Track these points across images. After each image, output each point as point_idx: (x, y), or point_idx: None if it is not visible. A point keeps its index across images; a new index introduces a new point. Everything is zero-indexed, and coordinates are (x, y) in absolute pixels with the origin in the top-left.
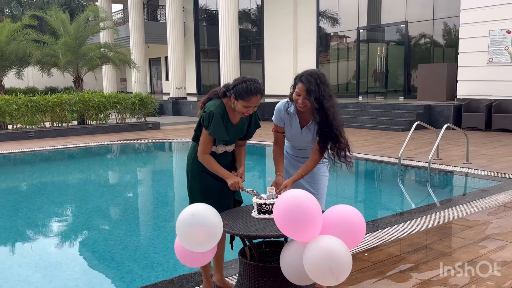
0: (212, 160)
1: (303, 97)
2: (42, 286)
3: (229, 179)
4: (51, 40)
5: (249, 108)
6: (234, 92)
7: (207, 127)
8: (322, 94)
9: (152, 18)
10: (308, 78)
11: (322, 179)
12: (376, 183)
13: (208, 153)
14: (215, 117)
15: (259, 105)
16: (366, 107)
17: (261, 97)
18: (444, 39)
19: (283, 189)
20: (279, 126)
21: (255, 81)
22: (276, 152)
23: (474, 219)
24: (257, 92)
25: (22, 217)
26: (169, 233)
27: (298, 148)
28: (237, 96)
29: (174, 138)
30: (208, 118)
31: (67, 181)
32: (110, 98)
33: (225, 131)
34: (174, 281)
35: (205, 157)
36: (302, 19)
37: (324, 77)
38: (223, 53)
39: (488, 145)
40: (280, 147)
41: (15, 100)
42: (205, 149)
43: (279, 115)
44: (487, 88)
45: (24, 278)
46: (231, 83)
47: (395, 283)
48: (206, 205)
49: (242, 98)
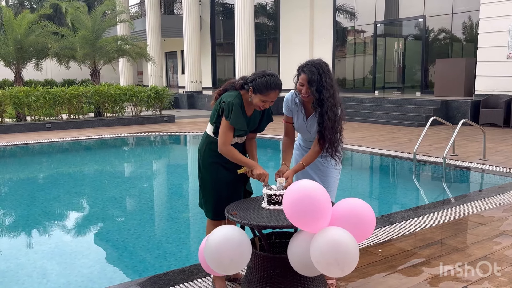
0: (235, 150)
1: (306, 87)
2: (57, 273)
3: (256, 169)
4: (69, 33)
5: (266, 102)
6: (253, 86)
7: (227, 116)
8: (322, 84)
9: (169, 12)
10: (311, 68)
11: (332, 172)
12: (391, 178)
13: (229, 144)
14: (235, 107)
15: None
16: (382, 102)
17: (279, 92)
18: (463, 33)
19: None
20: (289, 117)
21: (274, 76)
22: (285, 142)
23: (489, 215)
24: (276, 87)
25: (39, 206)
26: (182, 224)
27: (308, 140)
28: (255, 90)
29: (189, 131)
30: (228, 108)
31: (83, 172)
32: (126, 91)
33: (244, 121)
34: (185, 270)
35: (229, 148)
36: (319, 13)
37: (327, 66)
38: (238, 47)
39: (506, 142)
40: (290, 138)
41: (33, 92)
42: (226, 139)
43: (287, 105)
44: (507, 84)
45: (40, 265)
46: (250, 76)
47: (406, 277)
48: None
49: (261, 92)
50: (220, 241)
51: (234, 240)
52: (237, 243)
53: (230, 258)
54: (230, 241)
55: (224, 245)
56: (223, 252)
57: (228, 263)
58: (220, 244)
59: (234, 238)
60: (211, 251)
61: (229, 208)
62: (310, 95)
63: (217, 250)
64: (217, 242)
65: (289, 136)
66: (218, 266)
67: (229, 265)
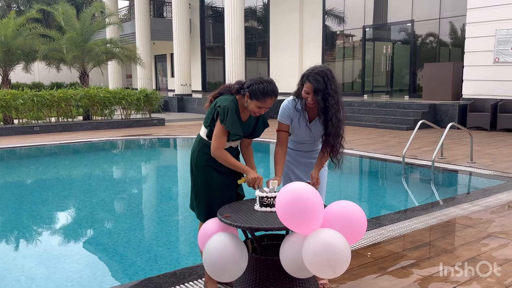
0: (229, 155)
1: (312, 96)
2: (45, 277)
3: (250, 173)
4: (58, 35)
5: (262, 108)
6: (249, 91)
7: (222, 121)
8: (328, 92)
9: (158, 15)
10: (316, 77)
11: (323, 174)
12: (380, 181)
13: (223, 148)
14: (231, 111)
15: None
16: (371, 105)
17: (275, 99)
18: (450, 38)
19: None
20: (285, 125)
21: (271, 82)
22: (278, 153)
23: (476, 217)
24: (272, 94)
25: (27, 210)
26: (172, 227)
27: (301, 143)
28: (252, 96)
29: (179, 134)
30: (224, 113)
31: (71, 176)
32: (115, 94)
33: (239, 126)
34: (177, 273)
35: (222, 152)
36: (308, 17)
37: (331, 73)
38: (228, 50)
39: (492, 145)
40: (283, 148)
41: (21, 95)
42: (220, 143)
43: (287, 113)
44: (493, 88)
45: (28, 269)
46: (246, 81)
47: (396, 279)
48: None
49: (257, 98)
50: (219, 258)
51: (234, 257)
52: (237, 261)
53: (229, 275)
54: (231, 259)
55: (224, 262)
56: (222, 268)
57: (227, 278)
58: (218, 260)
59: (234, 254)
60: (210, 265)
61: (222, 210)
62: (315, 102)
63: (216, 265)
64: (216, 257)
65: (282, 146)
66: (218, 278)
67: (228, 279)
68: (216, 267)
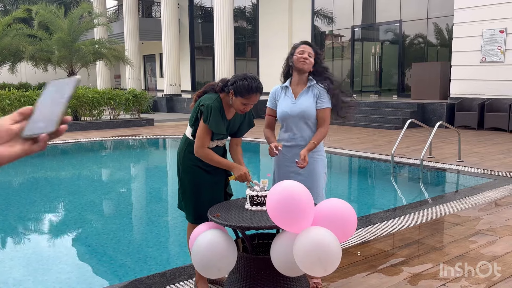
0: (212, 152)
1: (308, 53)
2: (33, 279)
3: (235, 170)
4: (45, 36)
5: (247, 105)
6: (233, 89)
7: (206, 120)
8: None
9: (147, 15)
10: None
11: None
12: (369, 180)
13: (206, 147)
14: (214, 110)
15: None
16: (360, 105)
17: (260, 95)
18: (438, 38)
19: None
20: (272, 109)
21: (255, 79)
22: (267, 131)
23: (465, 215)
24: (257, 90)
25: (14, 211)
26: (162, 227)
27: (286, 123)
28: (236, 93)
29: (168, 134)
30: (207, 112)
31: (60, 177)
32: (104, 94)
33: (223, 125)
34: (167, 274)
35: (205, 151)
36: (297, 17)
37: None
38: (218, 50)
39: (480, 144)
40: (271, 129)
41: (7, 95)
42: (204, 143)
43: (273, 96)
44: (480, 87)
45: (16, 271)
46: (230, 78)
47: (386, 277)
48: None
49: (242, 95)
50: (206, 252)
51: (222, 250)
52: (225, 253)
53: (218, 268)
54: (218, 252)
55: (212, 256)
56: (210, 262)
57: (216, 273)
58: (206, 254)
59: (222, 247)
60: (198, 259)
61: (212, 210)
62: (309, 60)
63: (204, 259)
64: (203, 251)
65: (270, 128)
66: (206, 274)
67: (217, 274)
68: (204, 262)
